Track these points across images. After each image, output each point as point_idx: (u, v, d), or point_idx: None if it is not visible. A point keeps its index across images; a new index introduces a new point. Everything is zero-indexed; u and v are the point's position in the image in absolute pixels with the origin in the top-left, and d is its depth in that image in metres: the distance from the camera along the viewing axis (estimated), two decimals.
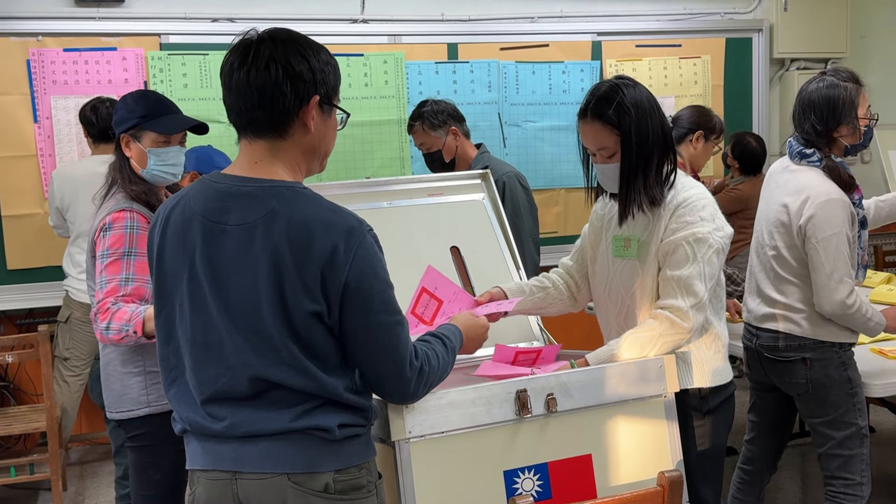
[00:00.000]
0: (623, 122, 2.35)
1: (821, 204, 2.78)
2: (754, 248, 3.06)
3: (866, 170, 6.20)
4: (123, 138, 2.66)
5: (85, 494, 4.47)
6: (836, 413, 2.89)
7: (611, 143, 2.39)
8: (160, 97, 2.74)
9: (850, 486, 2.92)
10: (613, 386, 2.27)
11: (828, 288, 2.77)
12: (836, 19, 5.91)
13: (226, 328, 1.77)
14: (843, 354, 2.89)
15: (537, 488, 2.18)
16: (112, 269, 2.53)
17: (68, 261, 4.34)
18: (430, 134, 3.90)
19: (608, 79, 2.45)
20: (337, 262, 1.73)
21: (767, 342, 2.96)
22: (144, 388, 2.60)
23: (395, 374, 1.83)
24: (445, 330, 2.08)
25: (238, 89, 1.79)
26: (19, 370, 4.88)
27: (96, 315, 2.51)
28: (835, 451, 2.92)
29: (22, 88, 4.57)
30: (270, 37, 1.80)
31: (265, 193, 1.78)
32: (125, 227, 2.56)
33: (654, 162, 2.39)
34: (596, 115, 2.38)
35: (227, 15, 4.89)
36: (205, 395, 1.81)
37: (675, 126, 3.76)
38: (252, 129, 1.82)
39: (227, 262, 1.77)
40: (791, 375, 2.93)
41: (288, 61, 1.77)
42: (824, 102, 2.86)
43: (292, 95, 1.78)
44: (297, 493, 1.77)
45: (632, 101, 2.36)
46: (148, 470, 2.62)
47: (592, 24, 5.51)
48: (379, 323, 1.78)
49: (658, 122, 2.40)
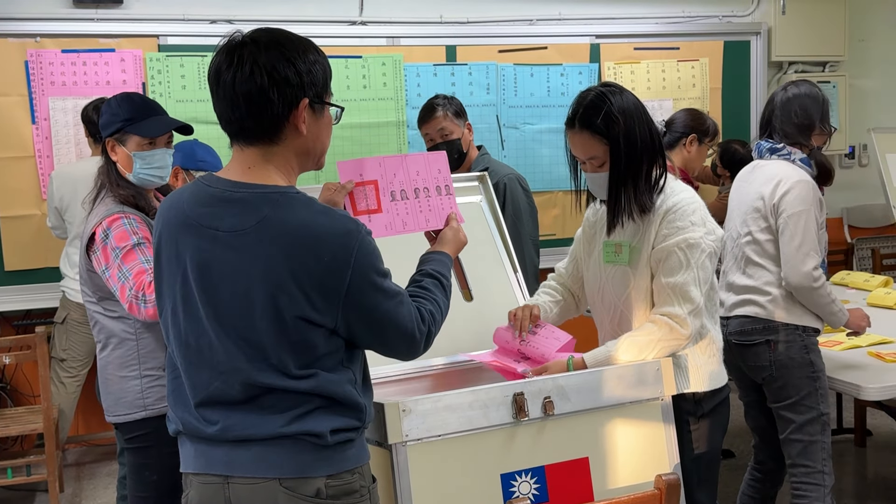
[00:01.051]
0: (612, 131, 2.33)
1: (794, 182, 2.95)
2: (728, 248, 3.14)
3: (864, 173, 6.20)
4: (109, 142, 2.64)
5: (82, 496, 4.46)
6: (797, 396, 2.97)
7: (600, 152, 2.37)
8: (144, 99, 2.72)
9: (810, 475, 2.98)
10: (610, 389, 2.27)
11: (795, 259, 2.89)
12: (835, 22, 5.92)
13: (216, 334, 1.77)
14: (806, 339, 2.98)
15: (534, 491, 2.18)
16: (130, 258, 2.49)
17: (65, 261, 4.34)
18: (454, 120, 3.86)
19: (594, 86, 2.43)
20: (337, 268, 1.73)
21: (736, 328, 3.05)
22: (141, 392, 2.59)
23: (406, 345, 1.88)
24: (438, 265, 2.06)
25: (225, 97, 1.77)
26: (16, 371, 4.88)
27: (140, 294, 2.43)
28: (795, 435, 2.99)
29: (20, 89, 4.57)
30: (253, 40, 1.77)
31: (258, 200, 1.76)
32: (124, 224, 2.54)
33: (643, 169, 2.38)
34: (584, 124, 2.36)
35: (226, 17, 4.90)
36: (198, 398, 1.81)
37: (669, 130, 3.77)
38: (243, 136, 1.81)
39: (219, 269, 1.76)
40: (756, 359, 3.01)
41: (273, 67, 1.74)
42: (812, 99, 3.03)
43: (280, 101, 1.75)
44: (289, 497, 1.76)
45: (619, 109, 2.33)
46: (144, 471, 2.62)
47: (591, 27, 5.52)
48: (384, 312, 1.80)
49: (646, 128, 2.38)
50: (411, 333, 1.85)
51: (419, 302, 1.91)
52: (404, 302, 1.85)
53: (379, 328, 1.82)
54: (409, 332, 1.85)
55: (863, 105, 6.20)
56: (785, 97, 3.05)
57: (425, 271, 2.03)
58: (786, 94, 3.06)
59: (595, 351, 2.38)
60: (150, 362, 2.58)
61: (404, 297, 1.86)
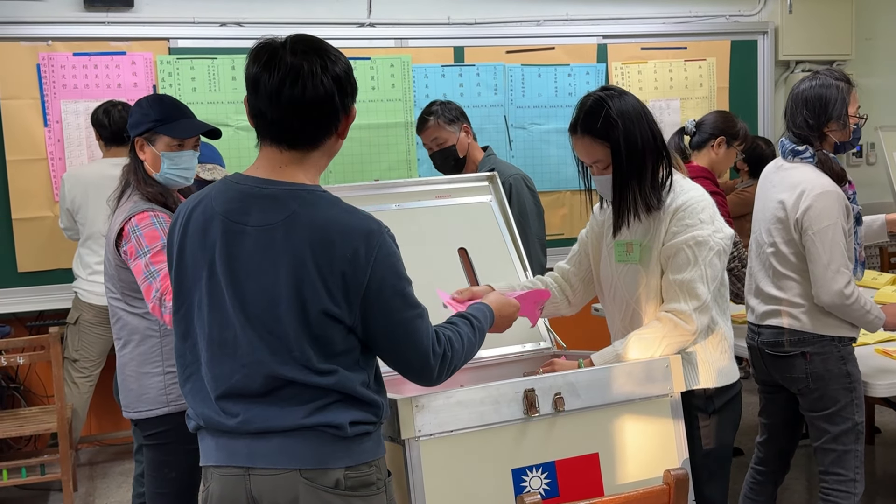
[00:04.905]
0: (612, 134, 2.37)
1: (816, 196, 2.82)
2: (753, 249, 3.09)
3: (872, 171, 6.21)
4: (138, 141, 2.68)
5: (95, 495, 4.50)
6: (834, 407, 2.92)
7: (603, 155, 2.41)
8: (175, 102, 2.76)
9: (843, 483, 2.95)
10: (620, 385, 2.29)
11: (825, 278, 2.80)
12: (842, 21, 5.92)
13: (241, 326, 1.80)
14: (842, 349, 2.91)
15: (545, 486, 2.20)
16: (159, 259, 2.51)
17: (78, 263, 4.37)
18: (446, 128, 3.91)
19: (594, 91, 2.46)
20: (358, 264, 1.76)
21: (768, 338, 2.99)
22: (163, 388, 2.62)
23: (420, 364, 1.88)
24: (474, 310, 2.11)
25: (289, 101, 1.78)
26: (30, 372, 4.91)
27: (164, 299, 2.46)
28: (829, 445, 2.95)
29: (32, 93, 4.61)
30: (312, 49, 1.80)
31: (286, 196, 1.81)
32: (154, 223, 2.58)
33: (648, 169, 2.40)
34: (585, 129, 2.40)
35: (236, 19, 4.93)
36: (219, 390, 1.84)
37: (699, 131, 3.77)
38: (289, 140, 1.84)
39: (246, 263, 1.80)
40: (791, 370, 2.96)
41: (337, 76, 1.80)
42: (817, 98, 2.92)
43: (341, 109, 1.83)
44: (309, 488, 1.80)
45: (618, 112, 2.37)
46: (164, 468, 2.64)
47: (598, 28, 5.54)
48: (401, 319, 1.83)
49: (647, 129, 2.41)
50: (426, 351, 1.86)
51: (440, 327, 1.94)
52: (423, 317, 1.87)
53: (393, 335, 1.84)
54: (424, 349, 1.86)
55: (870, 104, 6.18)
56: (796, 92, 2.98)
57: (462, 312, 2.08)
58: (798, 88, 2.98)
59: (603, 351, 2.41)
60: (172, 359, 2.57)
61: (424, 313, 1.88)
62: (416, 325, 1.85)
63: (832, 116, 2.91)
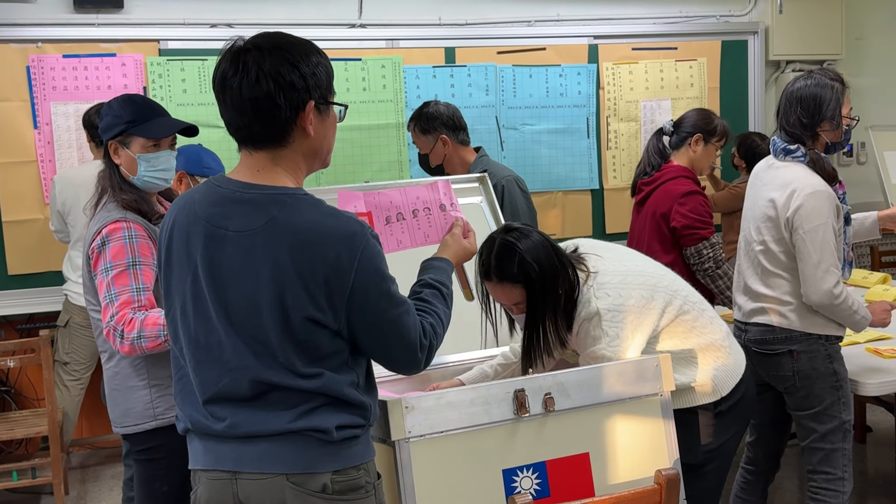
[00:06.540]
0: (528, 275, 2.37)
1: (807, 195, 2.83)
2: (742, 247, 3.10)
3: (862, 171, 6.22)
4: (111, 145, 2.57)
5: (87, 498, 4.48)
6: (820, 406, 2.93)
7: (521, 297, 2.42)
8: (146, 101, 2.68)
9: (831, 482, 2.97)
10: (610, 385, 2.29)
11: (815, 278, 2.81)
12: (832, 21, 5.93)
13: (225, 332, 1.80)
14: (829, 347, 2.93)
15: (536, 486, 2.20)
16: (121, 281, 2.45)
17: (68, 265, 4.36)
18: (421, 137, 3.97)
19: (496, 232, 2.46)
20: (341, 268, 1.75)
21: (755, 336, 3.01)
22: (150, 402, 2.54)
23: (408, 358, 1.88)
24: (437, 273, 2.07)
25: (233, 104, 1.79)
26: (20, 375, 4.89)
27: (118, 328, 2.41)
28: (817, 444, 2.97)
29: (22, 95, 4.60)
30: (256, 46, 1.79)
31: (266, 201, 1.79)
32: (124, 237, 2.48)
33: (561, 297, 2.41)
34: (502, 277, 2.41)
35: (226, 21, 4.92)
36: (206, 395, 1.83)
37: (677, 130, 3.77)
38: (251, 141, 1.83)
39: (228, 268, 1.79)
40: (778, 368, 2.97)
41: (278, 72, 1.76)
42: (811, 97, 2.92)
43: (287, 106, 1.78)
44: (296, 493, 1.79)
45: (528, 252, 2.37)
46: (155, 482, 2.57)
47: (589, 28, 5.54)
48: (387, 318, 1.82)
49: (554, 257, 2.41)
50: (413, 346, 1.86)
51: (421, 316, 1.93)
52: (410, 312, 1.86)
53: (381, 335, 1.83)
54: (412, 345, 1.86)
55: (860, 103, 6.20)
56: (790, 90, 2.98)
57: (424, 281, 2.04)
58: (792, 87, 2.98)
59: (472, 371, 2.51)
60: (158, 371, 2.52)
61: (410, 308, 1.87)
62: (403, 322, 1.84)
63: (826, 116, 2.92)
